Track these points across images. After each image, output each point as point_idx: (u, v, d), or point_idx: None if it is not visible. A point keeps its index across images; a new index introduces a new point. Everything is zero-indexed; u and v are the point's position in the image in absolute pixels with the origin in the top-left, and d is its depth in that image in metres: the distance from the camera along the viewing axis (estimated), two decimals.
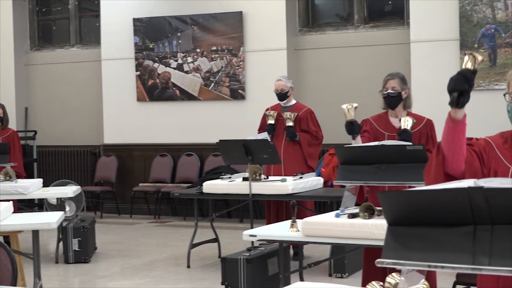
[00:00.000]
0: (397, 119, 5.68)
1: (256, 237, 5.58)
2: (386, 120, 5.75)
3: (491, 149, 3.33)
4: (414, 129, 5.63)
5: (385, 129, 5.71)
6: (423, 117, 5.74)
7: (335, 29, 11.73)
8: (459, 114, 3.17)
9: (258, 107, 10.61)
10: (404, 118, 5.60)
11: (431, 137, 5.67)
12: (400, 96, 5.67)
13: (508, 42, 10.09)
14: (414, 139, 5.57)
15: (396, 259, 2.44)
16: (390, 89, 5.67)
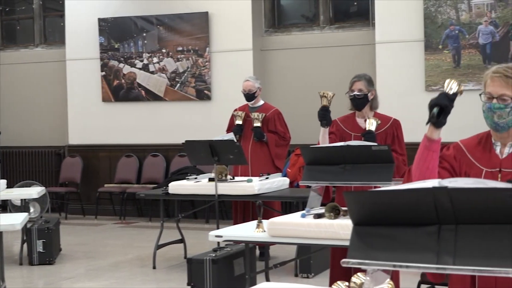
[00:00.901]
0: (363, 120, 5.71)
1: (222, 237, 5.57)
2: (353, 121, 5.79)
3: (462, 155, 3.35)
4: (380, 130, 5.66)
5: (351, 129, 5.74)
6: (389, 117, 5.77)
7: (300, 30, 11.75)
8: (435, 134, 3.23)
9: (224, 107, 10.61)
10: (369, 120, 5.63)
11: (397, 137, 5.70)
12: (366, 98, 5.70)
13: (472, 43, 10.18)
14: (380, 140, 5.60)
15: (361, 259, 2.45)
16: (357, 91, 5.70)
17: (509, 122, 3.23)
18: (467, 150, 3.36)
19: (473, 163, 3.32)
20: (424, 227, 2.39)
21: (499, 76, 3.22)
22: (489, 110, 3.23)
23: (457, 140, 3.50)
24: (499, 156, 3.30)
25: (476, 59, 10.15)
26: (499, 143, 3.32)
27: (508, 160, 3.27)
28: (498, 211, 2.31)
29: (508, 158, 3.28)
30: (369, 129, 5.59)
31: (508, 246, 2.30)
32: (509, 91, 3.21)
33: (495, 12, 10.05)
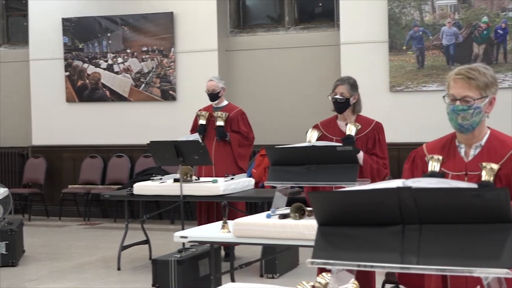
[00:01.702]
0: (345, 124, 5.71)
1: (187, 238, 5.55)
2: (334, 125, 5.78)
3: (425, 162, 3.37)
4: (361, 134, 5.66)
5: (333, 134, 5.74)
6: (372, 120, 5.76)
7: (266, 30, 11.76)
8: None
9: (189, 108, 10.58)
10: (349, 125, 5.63)
11: (378, 141, 5.70)
12: (348, 102, 5.69)
13: (436, 44, 10.26)
14: (361, 143, 5.60)
15: (326, 259, 2.45)
16: (339, 94, 5.69)
17: (473, 123, 3.25)
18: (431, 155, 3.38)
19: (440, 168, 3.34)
20: (388, 227, 2.40)
21: (461, 77, 3.24)
22: (453, 112, 3.25)
23: (423, 141, 3.52)
24: (464, 159, 3.32)
25: (439, 60, 10.23)
26: (463, 145, 3.34)
27: (473, 163, 3.29)
28: (461, 210, 2.33)
29: (473, 161, 3.30)
30: (349, 134, 5.60)
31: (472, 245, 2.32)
32: (472, 93, 3.23)
33: (458, 13, 10.14)
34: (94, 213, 12.06)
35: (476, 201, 2.29)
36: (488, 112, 3.29)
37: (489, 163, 3.23)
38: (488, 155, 3.28)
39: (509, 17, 9.89)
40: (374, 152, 5.63)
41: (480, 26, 10.02)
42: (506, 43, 9.91)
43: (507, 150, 3.28)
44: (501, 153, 3.27)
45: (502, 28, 9.93)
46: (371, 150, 5.64)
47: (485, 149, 3.30)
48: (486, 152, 3.29)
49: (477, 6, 10.04)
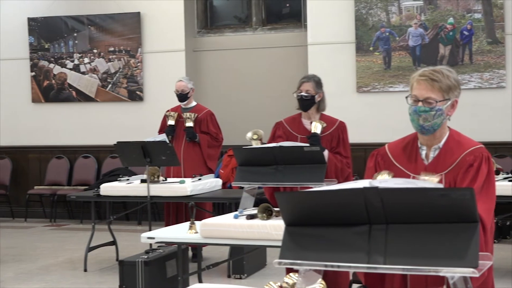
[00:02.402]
0: (309, 122, 5.72)
1: (154, 239, 5.53)
2: (299, 122, 5.78)
3: (388, 162, 3.38)
4: (326, 132, 5.67)
5: (297, 131, 5.74)
6: (335, 119, 5.78)
7: (233, 31, 11.76)
8: None
9: (156, 108, 10.54)
10: (314, 122, 5.64)
11: (342, 140, 5.72)
12: (313, 100, 5.70)
13: (402, 45, 10.32)
14: (325, 142, 5.62)
15: (293, 259, 2.46)
16: (304, 92, 5.69)
17: (434, 125, 3.26)
18: (392, 156, 3.39)
19: (400, 169, 3.35)
20: (355, 227, 2.41)
21: (425, 79, 3.25)
22: (414, 113, 3.26)
23: (388, 141, 3.52)
24: (425, 161, 3.33)
25: (406, 61, 10.29)
26: (424, 147, 3.35)
27: (432, 166, 3.30)
28: (427, 210, 2.34)
29: (432, 163, 3.31)
30: (314, 132, 5.61)
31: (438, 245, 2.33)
32: (434, 94, 3.24)
33: (424, 15, 10.21)
34: (60, 214, 11.98)
35: (442, 201, 2.30)
36: (450, 115, 3.30)
37: (431, 175, 3.23)
38: (445, 158, 3.29)
39: (474, 19, 9.98)
40: (338, 151, 5.65)
41: (446, 27, 10.10)
42: (472, 44, 9.99)
43: (462, 151, 3.28)
44: (457, 155, 3.27)
45: (467, 29, 10.01)
46: (335, 149, 5.66)
47: (443, 151, 3.31)
48: (444, 154, 3.30)
49: (443, 8, 10.12)
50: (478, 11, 9.97)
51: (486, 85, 9.93)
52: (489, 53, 9.92)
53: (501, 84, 9.87)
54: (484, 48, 9.94)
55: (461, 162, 3.25)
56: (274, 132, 5.77)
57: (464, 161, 3.25)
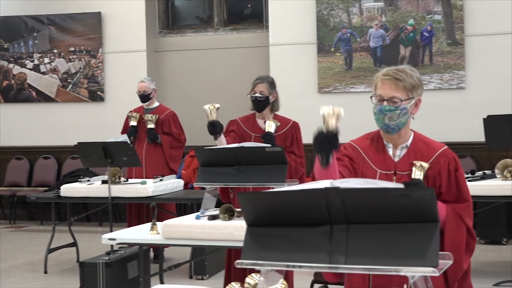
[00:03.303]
0: (263, 121, 5.76)
1: (115, 240, 5.50)
2: (253, 122, 5.82)
3: (358, 154, 3.40)
4: (279, 132, 5.72)
5: (252, 130, 5.78)
6: (289, 119, 5.85)
7: (195, 31, 11.74)
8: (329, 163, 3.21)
9: (117, 109, 10.50)
10: (269, 122, 5.68)
11: (296, 140, 5.79)
12: (267, 100, 5.75)
13: (363, 46, 10.38)
14: (279, 141, 5.67)
15: (255, 259, 2.45)
16: (258, 93, 5.73)
17: (399, 124, 3.29)
18: (362, 150, 3.41)
19: (369, 164, 3.37)
20: (316, 227, 2.42)
21: (389, 78, 3.27)
22: (380, 112, 3.28)
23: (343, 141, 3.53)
24: (393, 158, 3.36)
25: (367, 61, 10.35)
26: (391, 145, 3.38)
27: (402, 163, 3.33)
28: (388, 210, 2.36)
29: (402, 160, 3.34)
30: (268, 131, 5.64)
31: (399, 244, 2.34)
32: (399, 94, 3.27)
33: (385, 16, 10.27)
34: (20, 216, 11.85)
35: (403, 200, 2.32)
36: (414, 114, 3.34)
37: (419, 161, 3.29)
38: (415, 157, 3.32)
39: (434, 20, 10.07)
40: (291, 151, 5.71)
41: (407, 28, 10.18)
42: (432, 45, 10.08)
43: (433, 152, 3.33)
44: (428, 155, 3.32)
45: (427, 30, 10.10)
46: (289, 148, 5.72)
47: (411, 150, 3.35)
48: (413, 153, 3.34)
49: (404, 9, 10.20)
50: (438, 13, 10.06)
51: (446, 86, 10.02)
52: (449, 54, 10.01)
53: (460, 85, 9.97)
54: (444, 49, 10.03)
55: (435, 163, 3.29)
56: (228, 127, 5.83)
57: (437, 162, 3.30)
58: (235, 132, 5.76)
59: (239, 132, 5.76)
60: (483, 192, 7.05)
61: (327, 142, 3.12)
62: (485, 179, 7.25)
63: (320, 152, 3.12)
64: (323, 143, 3.11)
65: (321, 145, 3.11)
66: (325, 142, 3.12)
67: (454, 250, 3.10)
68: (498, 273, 7.49)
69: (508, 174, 7.07)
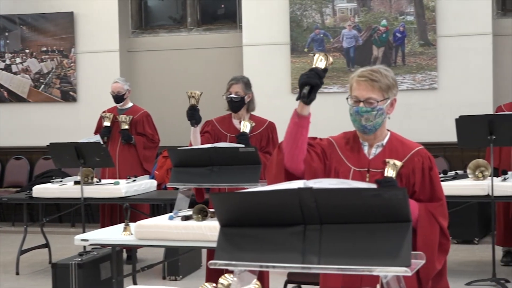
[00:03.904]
0: (239, 122, 5.77)
1: (88, 241, 5.48)
2: (229, 122, 5.84)
3: (333, 149, 3.41)
4: (255, 132, 5.74)
5: (227, 130, 5.79)
6: (265, 119, 5.87)
7: (168, 31, 11.71)
8: (305, 110, 3.26)
9: (90, 109, 10.45)
10: (244, 122, 5.69)
11: (272, 140, 5.80)
12: (242, 101, 5.76)
13: (336, 46, 10.40)
14: (255, 142, 5.67)
15: (228, 260, 2.45)
16: (234, 93, 5.74)
17: (376, 125, 3.30)
18: (337, 147, 3.43)
19: (343, 161, 3.38)
20: (290, 227, 2.42)
21: (365, 80, 3.28)
22: (356, 114, 3.29)
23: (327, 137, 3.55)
24: (367, 156, 3.38)
25: (340, 62, 10.38)
26: (366, 144, 3.40)
27: (376, 160, 3.35)
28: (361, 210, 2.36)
29: (376, 158, 3.36)
30: (243, 131, 5.65)
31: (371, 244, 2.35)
32: (375, 95, 3.28)
33: (358, 16, 10.31)
34: None
35: (376, 201, 2.33)
36: (390, 113, 3.36)
37: (393, 159, 3.30)
38: (390, 155, 3.34)
39: (407, 21, 10.12)
40: (267, 150, 5.72)
41: (379, 29, 10.22)
42: (404, 46, 10.13)
43: (408, 151, 3.35)
44: (402, 154, 3.34)
45: (400, 31, 10.15)
46: (265, 148, 5.74)
47: (387, 149, 3.37)
48: (388, 151, 3.36)
49: (376, 10, 10.24)
50: (411, 14, 10.11)
51: (419, 87, 10.07)
52: (421, 55, 10.07)
53: (433, 85, 10.03)
54: (416, 50, 10.09)
55: (410, 162, 3.31)
56: (203, 128, 5.84)
57: (412, 161, 3.31)
58: (209, 133, 5.77)
59: (214, 133, 5.77)
60: (455, 192, 7.10)
61: (316, 73, 3.22)
62: (457, 179, 7.31)
63: (306, 81, 3.18)
64: (311, 73, 3.18)
65: (308, 74, 3.19)
66: (314, 72, 3.23)
67: (427, 250, 3.12)
68: (470, 272, 7.54)
69: (480, 174, 7.13)
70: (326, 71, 3.27)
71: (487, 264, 7.38)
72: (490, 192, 6.94)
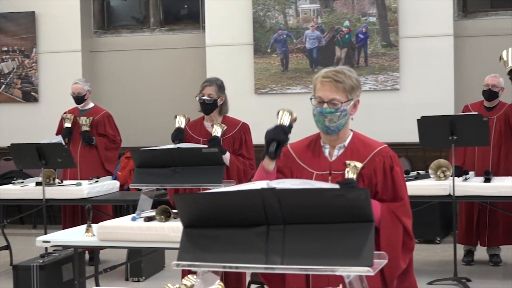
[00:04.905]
0: (211, 124, 5.76)
1: (50, 243, 5.43)
2: (200, 126, 5.84)
3: (291, 160, 3.41)
4: (228, 135, 5.73)
5: (199, 135, 5.78)
6: (238, 121, 5.86)
7: (131, 31, 11.66)
8: (271, 165, 3.33)
9: (52, 109, 10.37)
10: (215, 126, 5.68)
11: (245, 142, 5.80)
12: (215, 103, 5.76)
13: (299, 47, 10.43)
14: (228, 144, 5.67)
15: (191, 261, 2.45)
16: (206, 95, 5.73)
17: (339, 126, 3.31)
18: (296, 155, 3.42)
19: (303, 167, 3.38)
20: (253, 228, 2.42)
21: (329, 80, 3.29)
22: (320, 114, 3.30)
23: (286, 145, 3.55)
24: (329, 158, 3.38)
25: (303, 63, 10.41)
26: (328, 146, 3.40)
27: (337, 162, 3.36)
28: (324, 210, 2.37)
29: (337, 160, 3.36)
30: (215, 135, 5.65)
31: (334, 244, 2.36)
32: (339, 95, 3.29)
33: (321, 17, 10.35)
34: None
35: (338, 201, 2.33)
36: (353, 114, 3.37)
37: (353, 161, 3.31)
38: (351, 156, 3.35)
39: (369, 22, 10.17)
40: (240, 153, 5.71)
41: (342, 30, 10.27)
42: (367, 47, 10.18)
43: (370, 151, 3.36)
44: (364, 154, 3.35)
45: (363, 32, 10.20)
46: (238, 151, 5.73)
47: (348, 150, 3.37)
48: (350, 152, 3.36)
49: (339, 11, 10.28)
50: (373, 15, 10.17)
51: (381, 87, 10.14)
52: (383, 56, 10.13)
53: (395, 86, 10.09)
54: (378, 51, 10.15)
55: (371, 162, 3.32)
56: None
57: (373, 161, 3.32)
58: None
59: (187, 140, 5.76)
60: (417, 192, 7.17)
61: (282, 129, 3.32)
62: (419, 179, 7.37)
63: (273, 137, 3.24)
64: (277, 130, 3.26)
65: (275, 131, 3.26)
66: (280, 129, 3.32)
67: (390, 249, 3.13)
68: (431, 271, 7.60)
69: (441, 174, 7.19)
70: (291, 127, 3.35)
71: (449, 263, 7.45)
72: (451, 192, 7.01)
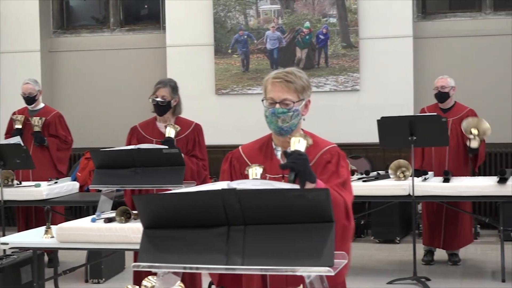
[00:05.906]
0: (164, 125, 5.75)
1: (8, 245, 5.37)
2: (153, 126, 5.82)
3: (242, 163, 3.40)
4: (181, 135, 5.73)
5: (152, 135, 5.77)
6: (191, 122, 5.86)
7: (90, 31, 11.58)
8: None
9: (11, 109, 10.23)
10: (168, 128, 5.67)
11: (198, 143, 5.80)
12: (169, 105, 5.75)
13: (260, 48, 10.44)
14: (181, 145, 5.66)
15: (151, 262, 2.44)
16: (160, 97, 5.72)
17: (292, 126, 3.31)
18: (247, 158, 3.41)
19: None
20: (214, 228, 2.42)
21: (280, 81, 3.29)
22: (273, 115, 3.29)
23: (246, 142, 3.55)
24: (281, 161, 3.37)
25: (264, 63, 10.42)
26: (280, 148, 3.39)
27: None
28: (284, 211, 2.37)
29: None
30: (168, 136, 5.64)
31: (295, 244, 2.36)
32: (290, 96, 3.29)
33: (281, 18, 10.37)
34: None
35: (299, 201, 2.34)
36: (304, 115, 3.36)
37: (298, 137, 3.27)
38: None
39: (330, 23, 10.22)
40: (194, 154, 5.72)
41: (303, 31, 10.30)
42: (327, 48, 10.23)
43: (318, 150, 3.35)
44: (313, 153, 3.34)
45: (323, 33, 10.24)
46: (191, 151, 5.73)
47: None
48: None
49: (300, 12, 10.31)
50: (334, 16, 10.22)
51: (341, 88, 10.18)
52: (344, 56, 10.18)
53: (355, 87, 10.15)
54: (339, 52, 10.20)
55: (319, 161, 3.31)
56: (129, 138, 5.82)
57: (321, 160, 3.32)
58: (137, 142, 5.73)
59: (141, 141, 5.73)
60: (377, 192, 7.22)
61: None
62: (379, 179, 7.42)
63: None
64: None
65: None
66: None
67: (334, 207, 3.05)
68: (391, 271, 7.65)
69: (401, 174, 7.25)
70: None
71: (408, 263, 7.50)
72: (411, 192, 7.07)
